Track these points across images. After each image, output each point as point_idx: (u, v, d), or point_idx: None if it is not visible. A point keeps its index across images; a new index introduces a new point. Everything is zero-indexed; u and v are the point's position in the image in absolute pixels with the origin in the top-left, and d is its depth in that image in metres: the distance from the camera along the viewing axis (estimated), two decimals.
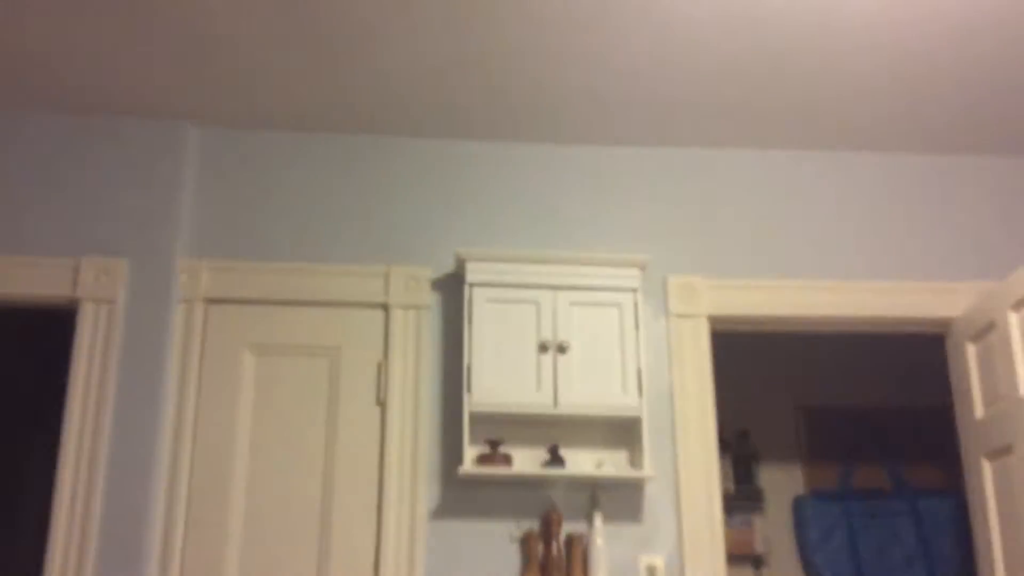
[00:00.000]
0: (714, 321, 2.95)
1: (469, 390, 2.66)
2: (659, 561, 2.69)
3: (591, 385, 2.69)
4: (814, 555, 3.86)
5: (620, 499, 2.75)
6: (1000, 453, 2.71)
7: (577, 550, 2.67)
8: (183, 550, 2.62)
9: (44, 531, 2.55)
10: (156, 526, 2.61)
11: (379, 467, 2.73)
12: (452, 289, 2.89)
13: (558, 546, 2.67)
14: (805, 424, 4.06)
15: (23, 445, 3.80)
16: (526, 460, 2.74)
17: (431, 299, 2.89)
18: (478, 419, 2.68)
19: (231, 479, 2.69)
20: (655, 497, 2.75)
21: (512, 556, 2.67)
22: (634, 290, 2.79)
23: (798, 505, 3.96)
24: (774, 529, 3.94)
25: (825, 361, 4.02)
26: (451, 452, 2.75)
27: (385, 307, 2.87)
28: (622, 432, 2.80)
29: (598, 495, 2.73)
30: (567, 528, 2.71)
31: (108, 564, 2.52)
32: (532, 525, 2.71)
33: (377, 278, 2.89)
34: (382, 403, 2.79)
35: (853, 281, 2.98)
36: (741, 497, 3.88)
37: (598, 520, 2.66)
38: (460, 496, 2.73)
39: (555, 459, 2.71)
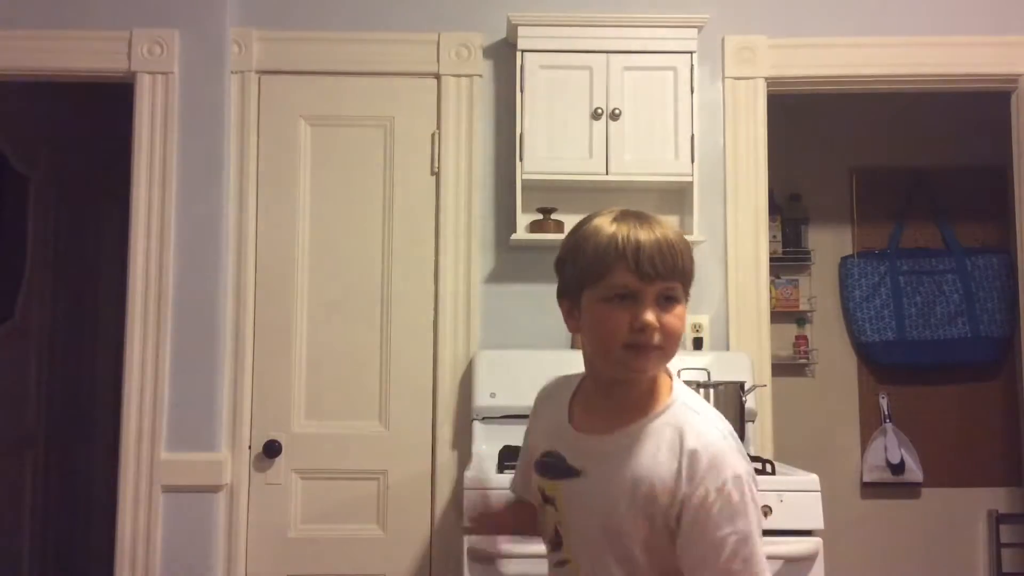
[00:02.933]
0: (771, 83, 2.89)
1: (521, 158, 2.70)
2: (704, 320, 2.82)
3: (643, 151, 2.70)
4: (856, 312, 3.98)
5: None
6: None
7: None
8: (255, 311, 2.80)
9: (123, 299, 2.72)
10: (228, 288, 2.76)
11: (435, 235, 2.83)
12: (504, 56, 2.85)
13: None
14: (857, 186, 4.05)
15: (95, 218, 3.99)
16: None
17: (483, 67, 2.86)
18: (530, 187, 2.73)
19: (294, 248, 2.82)
20: (703, 260, 2.82)
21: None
22: (690, 52, 2.72)
23: (844, 264, 4.04)
24: (820, 289, 4.04)
25: (880, 123, 3.93)
26: (504, 220, 2.83)
27: (437, 76, 2.85)
28: (674, 198, 2.84)
29: None
30: None
31: (183, 325, 2.70)
32: None
33: (428, 46, 2.85)
34: (436, 173, 2.84)
35: (917, 36, 2.87)
36: (789, 259, 3.95)
37: None
38: (513, 262, 2.84)
39: None
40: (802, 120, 3.71)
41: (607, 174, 2.68)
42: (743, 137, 2.86)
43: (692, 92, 2.71)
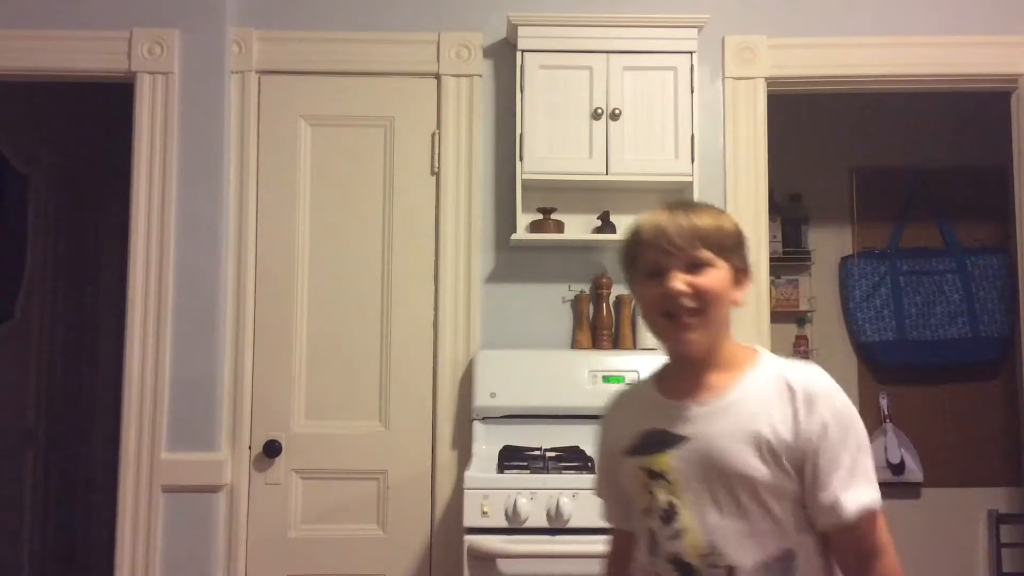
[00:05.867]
0: (771, 83, 2.89)
1: (521, 158, 2.70)
2: None
3: (643, 151, 2.70)
4: (856, 312, 3.98)
5: None
6: None
7: (626, 311, 2.80)
8: (255, 311, 2.80)
9: (123, 299, 2.72)
10: (228, 289, 2.77)
11: (435, 235, 2.83)
12: (504, 56, 2.85)
13: (607, 307, 2.81)
14: (857, 186, 4.04)
15: (95, 218, 3.98)
16: (578, 226, 2.81)
17: (483, 67, 2.86)
18: (530, 187, 2.73)
19: (294, 248, 2.82)
20: None
21: (564, 317, 2.82)
22: (690, 52, 2.73)
23: (844, 264, 4.03)
24: (820, 289, 4.04)
25: (880, 123, 3.93)
26: (504, 219, 2.83)
27: (437, 76, 2.85)
28: (673, 197, 2.83)
29: None
30: (616, 291, 2.83)
31: (183, 326, 2.70)
32: (583, 288, 2.83)
33: (428, 46, 2.85)
34: (436, 173, 2.84)
35: (918, 36, 2.88)
36: (789, 259, 3.95)
37: None
38: (513, 262, 2.84)
39: (606, 225, 2.78)
40: (802, 120, 3.71)
41: (607, 174, 2.68)
42: (743, 137, 2.87)
43: (692, 92, 2.71)
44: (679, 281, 1.37)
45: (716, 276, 1.39)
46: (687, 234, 1.39)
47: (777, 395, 1.38)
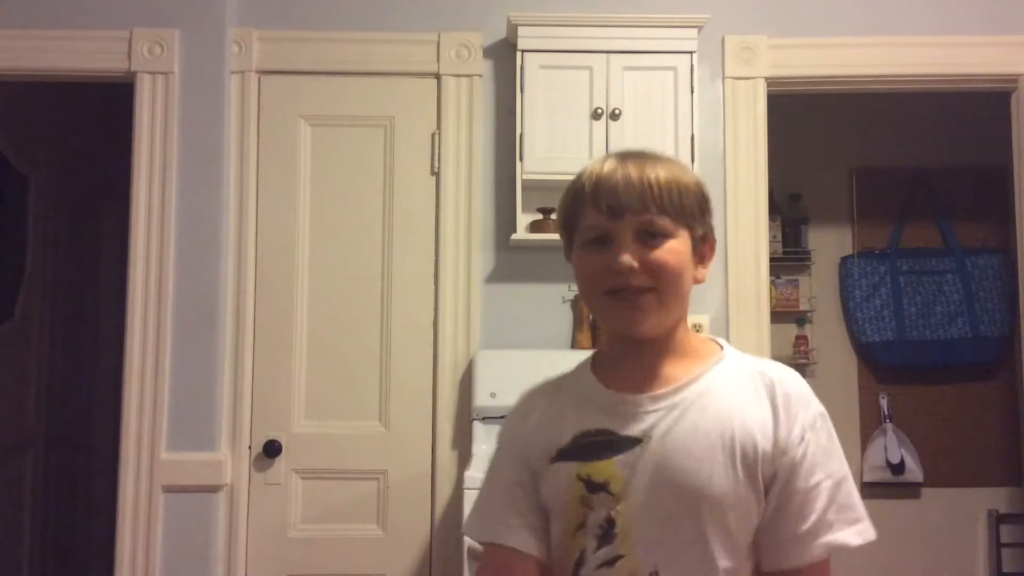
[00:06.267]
0: (771, 83, 2.89)
1: (521, 158, 2.70)
2: (704, 320, 2.82)
3: None
4: (856, 312, 3.98)
5: None
6: None
7: None
8: (255, 311, 2.80)
9: (123, 299, 2.72)
10: (228, 289, 2.76)
11: (435, 235, 2.83)
12: (504, 56, 2.85)
13: None
14: (857, 186, 4.05)
15: (95, 218, 3.98)
16: None
17: (483, 67, 2.86)
18: (531, 187, 2.73)
19: (294, 248, 2.82)
20: None
21: (564, 317, 2.82)
22: (690, 52, 2.73)
23: (844, 264, 4.03)
24: (820, 289, 4.04)
25: (880, 123, 3.93)
26: (504, 220, 2.83)
27: (437, 76, 2.85)
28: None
29: None
30: None
31: (183, 326, 2.69)
32: None
33: (428, 46, 2.85)
34: (436, 173, 2.84)
35: (918, 36, 2.88)
36: (789, 259, 3.95)
37: None
38: (513, 262, 2.84)
39: None
40: (802, 120, 3.71)
41: None
42: (744, 136, 2.87)
43: (692, 92, 2.71)
44: (629, 256, 1.11)
45: (675, 249, 1.13)
46: (640, 193, 1.11)
47: (753, 392, 1.14)
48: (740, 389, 1.14)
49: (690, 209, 1.15)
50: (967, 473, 3.93)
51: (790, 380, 1.15)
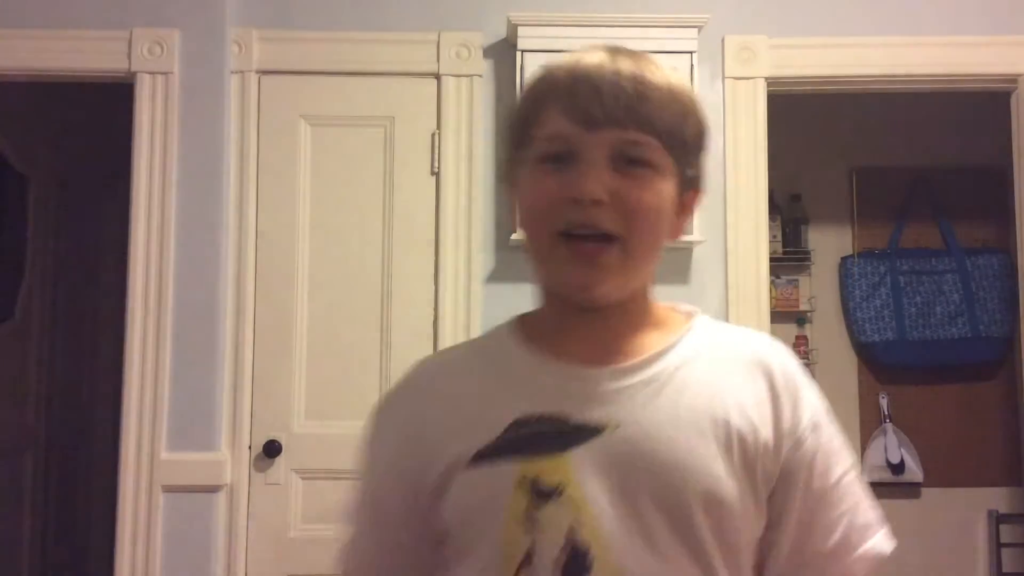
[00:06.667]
0: (771, 83, 2.89)
1: None
2: None
3: None
4: (856, 312, 3.98)
5: (668, 262, 2.82)
6: None
7: None
8: (255, 311, 2.79)
9: (123, 299, 2.72)
10: (228, 288, 2.76)
11: (435, 235, 2.83)
12: (504, 56, 2.85)
13: None
14: (857, 186, 4.05)
15: (95, 218, 3.98)
16: None
17: (483, 67, 2.86)
18: None
19: (294, 248, 2.81)
20: (703, 260, 2.82)
21: None
22: (690, 52, 2.73)
23: (844, 264, 4.03)
24: (820, 289, 4.04)
25: (880, 123, 3.93)
26: (504, 220, 2.83)
27: (437, 76, 2.85)
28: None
29: None
30: None
31: (183, 325, 2.69)
32: None
33: (428, 46, 2.85)
34: (436, 173, 2.84)
35: (918, 36, 2.87)
36: (789, 259, 3.95)
37: None
38: (514, 262, 2.83)
39: None
40: (802, 120, 3.71)
41: None
42: (743, 137, 2.86)
43: None
44: (597, 183, 0.81)
45: (658, 190, 0.86)
46: (631, 100, 0.82)
47: (744, 368, 0.88)
48: (726, 364, 0.88)
49: (690, 138, 0.90)
50: (967, 473, 3.93)
51: (787, 356, 0.91)
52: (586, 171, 0.82)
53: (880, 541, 0.91)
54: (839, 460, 0.88)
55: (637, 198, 0.83)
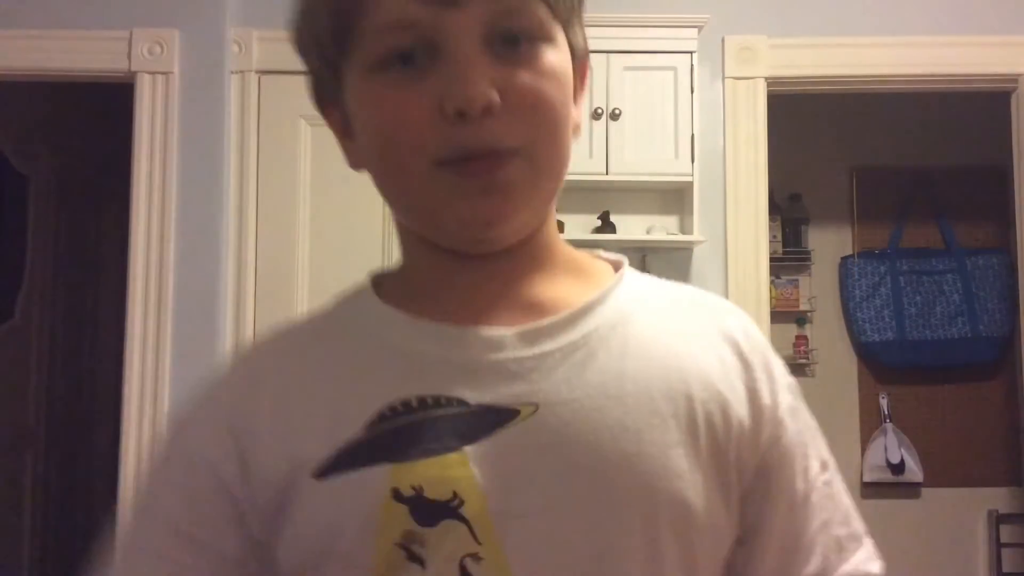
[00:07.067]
0: (771, 83, 2.89)
1: None
2: None
3: (643, 151, 2.70)
4: (856, 312, 3.98)
5: (669, 262, 2.83)
6: None
7: None
8: (255, 311, 2.79)
9: (123, 299, 2.72)
10: (228, 288, 2.76)
11: None
12: None
13: None
14: (858, 186, 4.05)
15: (95, 218, 3.99)
16: (577, 226, 2.81)
17: None
18: None
19: (294, 248, 2.81)
20: (703, 260, 2.82)
21: None
22: (690, 52, 2.73)
23: (844, 264, 4.04)
24: (820, 289, 4.04)
25: (880, 123, 3.93)
26: None
27: None
28: (673, 197, 2.84)
29: (647, 260, 2.82)
30: None
31: (183, 325, 2.69)
32: None
33: None
34: None
35: (918, 36, 2.88)
36: (789, 258, 3.95)
37: None
38: None
39: (606, 225, 2.78)
40: (802, 120, 3.71)
41: (607, 174, 2.68)
42: (744, 136, 2.86)
43: (692, 92, 2.71)
44: (482, 79, 0.58)
45: (555, 70, 0.62)
46: None
47: (701, 332, 0.66)
48: (676, 323, 0.66)
49: None
50: (967, 473, 3.93)
51: (747, 318, 0.70)
52: (461, 68, 0.57)
53: (865, 559, 0.67)
54: (816, 452, 0.67)
55: (535, 89, 0.59)
